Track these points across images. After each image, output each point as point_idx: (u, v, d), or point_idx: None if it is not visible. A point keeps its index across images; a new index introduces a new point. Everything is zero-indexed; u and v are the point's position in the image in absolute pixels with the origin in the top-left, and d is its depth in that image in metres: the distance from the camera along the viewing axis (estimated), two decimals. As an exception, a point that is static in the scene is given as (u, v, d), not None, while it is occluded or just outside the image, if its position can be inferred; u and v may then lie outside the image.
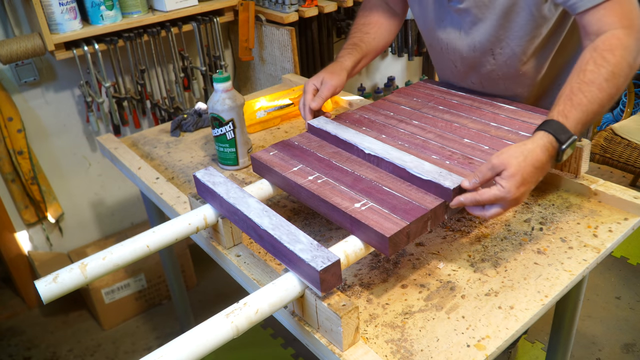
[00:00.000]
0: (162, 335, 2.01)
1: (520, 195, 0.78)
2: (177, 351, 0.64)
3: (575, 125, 0.83)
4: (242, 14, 2.02)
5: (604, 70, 0.85)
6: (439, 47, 1.19)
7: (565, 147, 0.81)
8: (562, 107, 0.84)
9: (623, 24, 0.87)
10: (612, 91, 0.85)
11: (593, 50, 0.87)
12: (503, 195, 0.78)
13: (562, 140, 0.81)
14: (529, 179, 0.79)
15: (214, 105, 1.17)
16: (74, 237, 2.21)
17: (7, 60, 1.70)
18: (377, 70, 2.80)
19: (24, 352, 1.98)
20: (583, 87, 0.84)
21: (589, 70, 0.85)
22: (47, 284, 0.77)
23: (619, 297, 2.00)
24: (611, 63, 0.85)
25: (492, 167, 0.79)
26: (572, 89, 0.85)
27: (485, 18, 1.05)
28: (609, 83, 0.84)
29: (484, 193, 0.79)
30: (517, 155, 0.79)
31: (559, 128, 0.82)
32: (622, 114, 2.71)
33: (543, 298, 0.82)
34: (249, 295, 0.73)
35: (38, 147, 1.99)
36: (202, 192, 0.94)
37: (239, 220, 0.86)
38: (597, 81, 0.84)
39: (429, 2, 1.14)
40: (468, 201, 0.80)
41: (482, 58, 1.12)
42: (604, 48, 0.86)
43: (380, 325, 0.79)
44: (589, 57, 0.87)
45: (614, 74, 0.85)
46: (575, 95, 0.84)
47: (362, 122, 1.13)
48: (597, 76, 0.85)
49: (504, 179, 0.78)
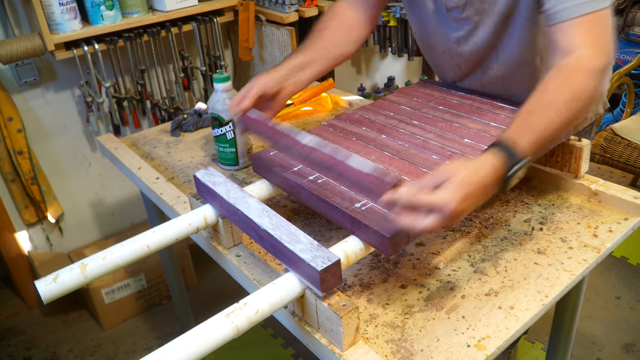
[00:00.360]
0: (162, 335, 2.01)
1: (460, 211, 0.69)
2: (177, 351, 0.64)
3: (528, 146, 0.78)
4: (242, 14, 2.02)
5: (565, 92, 0.81)
6: (441, 51, 1.18)
7: (513, 170, 0.76)
8: (516, 127, 0.79)
9: (591, 45, 0.85)
10: (570, 115, 0.81)
11: (557, 71, 0.84)
12: (445, 203, 0.68)
13: (513, 161, 0.76)
14: (472, 196, 0.71)
15: (214, 105, 1.17)
16: (74, 237, 2.21)
17: (7, 60, 1.70)
18: (377, 70, 2.80)
19: (24, 352, 1.98)
20: (541, 108, 0.81)
21: (549, 91, 0.82)
22: (47, 284, 0.77)
23: (619, 297, 2.00)
24: (572, 85, 0.82)
25: (440, 175, 0.71)
26: (530, 110, 0.81)
27: (485, 24, 1.05)
28: (568, 106, 0.81)
29: (423, 195, 0.69)
30: (464, 167, 0.72)
31: (510, 148, 0.76)
32: (622, 114, 2.71)
33: (543, 298, 0.82)
34: (249, 295, 0.73)
35: (38, 147, 1.99)
36: (202, 192, 0.94)
37: (239, 220, 0.86)
38: (556, 104, 0.80)
39: (428, 11, 1.13)
40: (404, 198, 0.69)
41: (486, 57, 1.12)
42: (568, 69, 0.84)
43: (380, 325, 0.79)
44: (552, 76, 0.84)
45: (574, 98, 0.81)
46: (531, 116, 0.80)
47: (362, 122, 1.13)
48: (556, 98, 0.81)
49: (448, 188, 0.69)
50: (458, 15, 1.07)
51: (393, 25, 2.23)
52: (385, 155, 0.99)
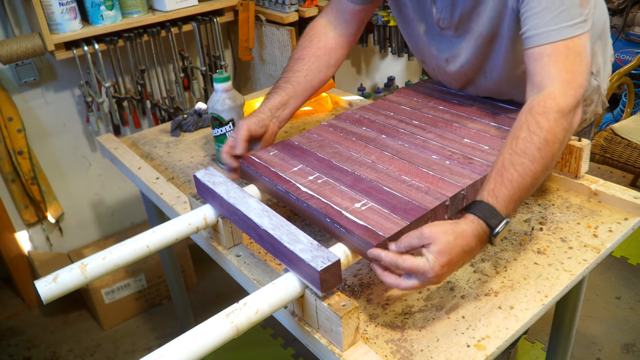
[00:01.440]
0: (162, 335, 2.01)
1: (442, 275, 0.72)
2: (177, 351, 0.64)
3: (507, 205, 0.77)
4: (242, 14, 2.02)
5: (537, 139, 0.79)
6: (432, 67, 1.19)
7: (496, 232, 0.76)
8: (493, 185, 0.78)
9: (563, 77, 0.83)
10: (546, 161, 0.80)
11: (528, 113, 0.83)
12: (426, 270, 0.71)
13: (492, 225, 0.75)
14: (455, 261, 0.73)
15: (214, 105, 1.17)
16: (74, 237, 2.21)
17: (7, 60, 1.70)
18: (377, 70, 2.80)
19: (24, 352, 1.98)
20: (514, 158, 0.79)
21: (522, 139, 0.80)
22: (47, 284, 0.77)
23: (619, 297, 2.00)
24: (544, 129, 0.80)
25: (421, 236, 0.73)
26: (504, 162, 0.80)
27: (469, 46, 1.05)
28: (542, 152, 0.79)
29: (406, 259, 0.72)
30: (449, 232, 0.73)
31: (489, 212, 0.76)
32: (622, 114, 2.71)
33: (543, 298, 0.82)
34: (249, 295, 0.73)
35: (38, 147, 1.99)
36: (202, 192, 0.94)
37: (239, 220, 0.86)
38: (529, 151, 0.79)
39: (420, 30, 1.12)
40: (388, 259, 0.73)
41: (475, 77, 1.12)
42: (538, 111, 0.82)
43: (380, 325, 0.79)
44: (524, 121, 0.82)
45: (547, 142, 0.79)
46: (506, 170, 0.79)
47: (362, 122, 1.13)
48: (529, 145, 0.79)
49: (431, 253, 0.71)
50: (450, 34, 1.06)
51: (393, 25, 2.23)
52: (385, 155, 0.99)
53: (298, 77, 1.12)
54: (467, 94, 1.20)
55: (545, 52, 0.85)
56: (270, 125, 1.06)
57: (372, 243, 0.75)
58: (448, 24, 1.05)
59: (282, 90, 1.10)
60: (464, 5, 1.00)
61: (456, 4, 1.01)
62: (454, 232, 0.73)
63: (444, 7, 1.03)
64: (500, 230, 0.76)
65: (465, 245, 0.73)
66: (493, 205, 0.76)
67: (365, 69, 2.76)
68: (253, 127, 1.02)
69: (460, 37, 1.05)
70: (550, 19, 0.84)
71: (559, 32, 0.84)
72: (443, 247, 0.71)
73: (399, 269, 0.73)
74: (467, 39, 1.04)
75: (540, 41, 0.85)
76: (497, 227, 0.76)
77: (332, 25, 1.17)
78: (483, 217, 0.76)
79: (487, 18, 0.98)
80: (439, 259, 0.71)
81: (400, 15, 1.15)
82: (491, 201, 0.77)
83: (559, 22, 0.84)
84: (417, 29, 1.13)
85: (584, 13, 0.84)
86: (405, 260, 0.72)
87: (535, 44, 0.86)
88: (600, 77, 1.16)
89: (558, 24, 0.84)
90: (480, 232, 0.75)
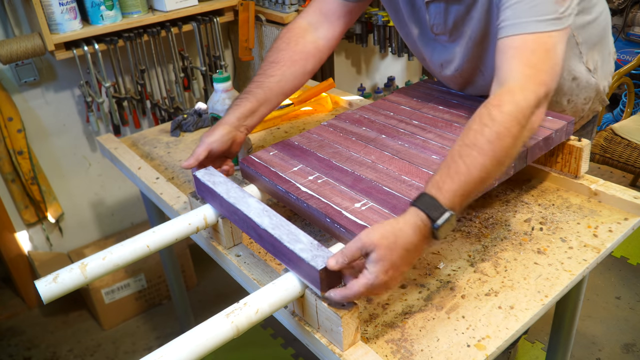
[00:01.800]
0: (162, 335, 2.01)
1: (389, 280, 0.69)
2: (177, 351, 0.64)
3: (452, 198, 0.73)
4: (242, 14, 2.02)
5: (488, 131, 0.76)
6: (430, 69, 1.19)
7: (438, 225, 0.71)
8: (439, 177, 0.75)
9: (525, 72, 0.80)
10: (497, 154, 0.75)
11: (484, 106, 0.80)
12: (371, 282, 0.68)
13: (434, 217, 0.71)
14: (398, 263, 0.69)
15: (214, 105, 1.17)
16: (74, 237, 2.21)
17: (7, 60, 1.70)
18: (377, 70, 2.80)
19: (24, 352, 1.98)
20: (463, 150, 0.76)
21: (473, 130, 0.77)
22: (47, 284, 0.77)
23: (619, 297, 2.00)
24: (497, 122, 0.76)
25: (362, 247, 0.69)
26: (453, 154, 0.76)
27: (460, 50, 1.05)
28: (493, 145, 0.75)
29: (352, 286, 0.69)
30: (388, 235, 0.69)
31: (431, 204, 0.72)
32: (622, 114, 2.71)
33: (543, 298, 0.82)
34: (249, 295, 0.73)
35: (38, 147, 1.99)
36: (201, 191, 0.94)
37: (239, 220, 0.86)
38: (479, 143, 0.75)
39: (414, 35, 1.12)
40: (339, 297, 0.70)
41: (472, 77, 1.12)
42: (493, 103, 0.79)
43: (380, 325, 0.79)
44: (478, 114, 0.79)
45: (498, 135, 0.75)
46: (454, 162, 0.75)
47: (362, 122, 1.13)
48: (479, 137, 0.76)
49: (371, 263, 0.68)
50: (445, 39, 1.06)
51: (393, 25, 2.23)
52: (385, 155, 0.99)
53: (271, 82, 1.06)
54: (467, 94, 1.20)
55: (512, 44, 0.83)
56: (237, 135, 1.01)
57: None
58: (442, 29, 1.04)
59: (252, 96, 1.04)
60: (457, 10, 0.99)
61: (449, 10, 1.00)
62: (393, 234, 0.69)
63: (437, 14, 1.02)
64: (442, 223, 0.71)
65: (407, 243, 0.70)
66: (435, 197, 0.72)
67: (365, 69, 2.76)
68: (215, 145, 0.97)
69: (454, 42, 1.05)
70: (523, 11, 0.83)
71: (529, 25, 0.83)
72: (382, 252, 0.68)
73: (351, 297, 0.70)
74: (459, 44, 1.04)
75: (509, 32, 0.84)
76: (439, 220, 0.71)
77: (312, 27, 1.12)
78: (424, 209, 0.72)
79: (477, 20, 0.98)
80: (380, 267, 0.68)
81: (397, 18, 1.15)
82: (434, 193, 0.73)
83: (531, 15, 0.83)
84: (412, 36, 1.13)
85: (559, 11, 0.83)
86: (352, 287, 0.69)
87: (505, 35, 0.85)
88: (598, 74, 1.16)
89: (530, 17, 0.83)
90: (421, 226, 0.71)
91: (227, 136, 0.98)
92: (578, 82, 1.13)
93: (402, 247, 0.69)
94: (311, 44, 1.11)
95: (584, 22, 1.07)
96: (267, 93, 1.05)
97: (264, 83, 1.06)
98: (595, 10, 1.09)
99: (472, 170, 0.74)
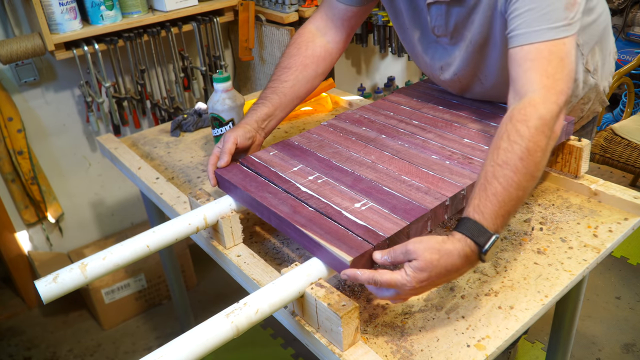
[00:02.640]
0: (162, 335, 2.01)
1: (419, 289, 0.72)
2: (177, 351, 0.64)
3: (495, 220, 0.74)
4: (242, 14, 2.02)
5: (518, 148, 0.77)
6: (428, 72, 1.18)
7: (486, 249, 0.73)
8: (478, 200, 0.76)
9: (544, 83, 0.81)
10: (529, 170, 0.77)
11: (509, 122, 0.81)
12: (403, 283, 0.71)
13: (481, 243, 0.73)
14: (435, 279, 0.72)
15: (214, 105, 1.17)
16: (74, 237, 2.21)
17: (7, 60, 1.70)
18: (377, 70, 2.80)
19: (24, 352, 1.98)
20: (497, 171, 0.77)
21: (503, 149, 0.78)
22: (47, 284, 0.77)
23: (619, 297, 2.00)
24: (525, 138, 0.78)
25: (407, 252, 0.72)
26: (487, 175, 0.77)
27: (461, 54, 1.05)
28: (525, 162, 0.77)
29: (383, 274, 0.72)
30: (434, 251, 0.71)
31: (477, 230, 0.73)
32: (622, 114, 2.71)
33: (543, 298, 0.82)
34: (249, 295, 0.73)
35: (38, 147, 1.99)
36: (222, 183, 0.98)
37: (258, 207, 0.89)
38: (512, 162, 0.76)
39: (414, 37, 1.12)
40: (364, 277, 0.73)
41: (470, 84, 1.12)
42: (518, 119, 0.80)
43: (380, 325, 0.79)
44: (504, 130, 0.80)
45: (529, 151, 0.77)
46: (489, 184, 0.76)
47: (362, 122, 1.13)
48: (511, 156, 0.77)
49: (411, 268, 0.71)
50: (446, 42, 1.06)
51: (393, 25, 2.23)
52: (385, 155, 0.99)
53: (285, 87, 1.10)
54: (467, 95, 1.20)
55: (528, 56, 0.84)
56: (256, 136, 1.05)
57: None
58: (443, 31, 1.04)
59: (268, 101, 1.08)
60: (458, 13, 0.99)
61: (451, 12, 1.00)
62: (439, 252, 0.71)
63: (438, 15, 1.02)
64: (489, 247, 0.73)
65: (450, 265, 0.72)
66: (480, 222, 0.74)
67: (365, 69, 2.76)
68: (240, 139, 1.01)
69: (455, 45, 1.05)
70: (534, 19, 0.83)
71: (542, 34, 0.83)
72: (425, 264, 0.70)
73: (377, 284, 0.72)
74: (460, 47, 1.04)
75: (522, 41, 0.85)
76: (486, 245, 0.73)
77: (321, 32, 1.15)
78: (470, 236, 0.73)
79: (478, 24, 0.98)
80: (418, 275, 0.71)
81: (397, 21, 1.15)
82: (477, 218, 0.74)
83: (543, 23, 0.83)
84: (412, 37, 1.13)
85: (569, 17, 0.83)
86: (383, 274, 0.72)
87: (517, 44, 0.85)
88: (598, 75, 1.16)
89: (542, 25, 0.83)
90: (468, 252, 0.73)
91: (250, 134, 1.03)
92: (577, 82, 1.13)
93: (444, 267, 0.72)
94: (321, 48, 1.14)
95: (585, 23, 1.06)
96: (282, 98, 1.09)
97: (278, 88, 1.10)
98: (595, 12, 1.08)
99: (509, 190, 0.76)
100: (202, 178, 1.23)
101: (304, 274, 0.76)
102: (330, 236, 0.78)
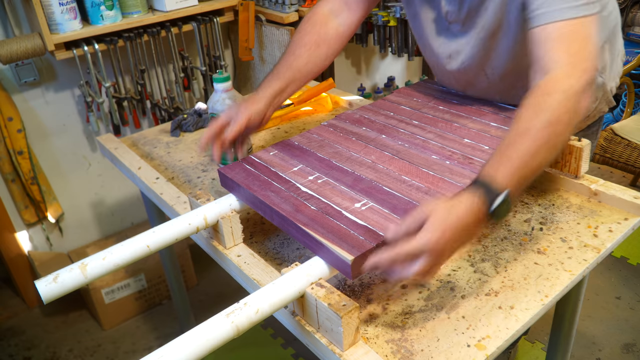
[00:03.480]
0: (162, 335, 2.01)
1: (442, 247, 0.70)
2: (177, 351, 0.64)
3: (507, 181, 0.74)
4: (242, 14, 2.02)
5: (540, 119, 0.78)
6: (435, 62, 1.18)
7: (495, 205, 0.73)
8: (493, 161, 0.77)
9: (568, 61, 0.81)
10: (550, 140, 0.77)
11: (533, 95, 0.82)
12: (422, 244, 0.69)
13: (491, 198, 0.73)
14: (449, 235, 0.70)
15: (214, 105, 1.17)
16: (74, 237, 2.21)
17: (7, 60, 1.70)
18: (377, 70, 2.80)
19: (24, 352, 1.98)
20: (517, 138, 0.78)
21: (524, 119, 0.79)
22: (47, 284, 0.77)
23: (619, 297, 2.00)
24: (548, 110, 0.78)
25: (416, 214, 0.72)
26: (507, 142, 0.78)
27: (472, 41, 1.05)
28: (546, 131, 0.77)
29: (403, 246, 0.70)
30: (441, 208, 0.71)
31: (487, 186, 0.73)
32: (622, 114, 2.71)
33: (543, 298, 0.82)
34: (249, 295, 0.73)
35: (38, 147, 1.99)
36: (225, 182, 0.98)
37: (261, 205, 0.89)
38: (532, 131, 0.77)
39: (427, 24, 1.12)
40: (385, 257, 0.70)
41: (475, 77, 1.12)
42: (542, 92, 0.81)
43: (381, 325, 0.79)
44: (527, 103, 0.81)
45: (550, 122, 0.77)
46: (507, 149, 0.77)
47: (362, 122, 1.13)
48: (532, 125, 0.78)
49: (423, 230, 0.70)
50: (458, 28, 1.06)
51: (393, 25, 2.23)
52: (385, 155, 0.99)
53: (299, 63, 1.11)
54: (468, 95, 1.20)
55: (550, 36, 0.84)
56: (267, 113, 1.06)
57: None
58: (456, 17, 1.04)
59: (283, 76, 1.09)
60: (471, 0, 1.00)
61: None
62: (446, 209, 0.71)
63: (451, 0, 1.03)
64: (498, 205, 0.72)
65: (459, 220, 0.71)
66: (492, 178, 0.74)
67: (365, 69, 2.76)
68: (254, 115, 1.02)
69: (466, 32, 1.05)
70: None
71: (563, 12, 0.83)
72: (436, 219, 0.70)
73: (400, 259, 0.70)
74: (471, 34, 1.04)
75: (542, 20, 0.84)
76: (497, 199, 0.73)
77: (333, 15, 1.15)
78: (481, 189, 0.73)
79: (492, 11, 0.98)
80: (435, 231, 0.69)
81: (410, 8, 1.15)
82: (491, 174, 0.74)
83: (563, 2, 0.83)
84: (423, 23, 1.13)
85: None
86: (402, 246, 0.70)
87: (538, 24, 0.85)
88: (606, 75, 1.15)
89: (563, 3, 0.83)
90: (475, 208, 0.72)
91: (264, 110, 1.04)
92: None
93: (454, 222, 0.70)
94: (333, 30, 1.15)
95: None
96: (296, 74, 1.10)
97: (293, 64, 1.11)
98: (606, 9, 1.08)
99: (526, 156, 0.76)
100: (202, 178, 1.23)
101: (304, 274, 0.76)
102: (332, 235, 0.78)
